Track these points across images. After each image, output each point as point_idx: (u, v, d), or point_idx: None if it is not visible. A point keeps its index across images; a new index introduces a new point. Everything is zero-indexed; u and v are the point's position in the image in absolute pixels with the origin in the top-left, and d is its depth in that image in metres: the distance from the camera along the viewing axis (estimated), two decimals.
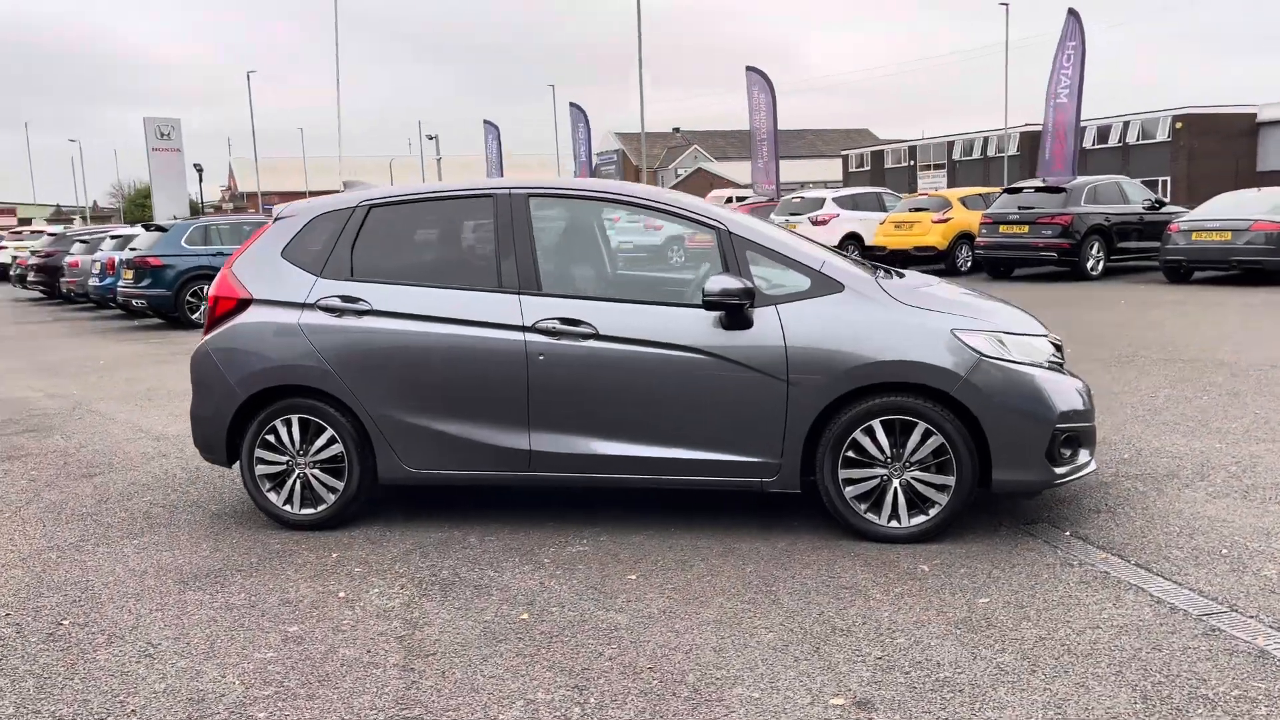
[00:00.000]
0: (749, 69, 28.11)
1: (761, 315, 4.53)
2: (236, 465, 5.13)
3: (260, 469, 5.01)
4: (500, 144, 40.04)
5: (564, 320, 4.67)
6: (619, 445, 4.69)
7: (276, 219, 5.24)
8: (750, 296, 4.48)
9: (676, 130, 79.31)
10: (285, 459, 4.98)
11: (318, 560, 4.60)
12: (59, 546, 4.92)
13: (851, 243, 21.49)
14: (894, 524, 4.51)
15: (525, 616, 3.88)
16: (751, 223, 4.84)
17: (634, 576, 4.25)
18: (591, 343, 4.65)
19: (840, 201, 21.98)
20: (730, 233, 4.67)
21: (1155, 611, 3.69)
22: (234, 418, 5.01)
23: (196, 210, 62.38)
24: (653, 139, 79.89)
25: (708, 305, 4.49)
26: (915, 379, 4.42)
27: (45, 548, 4.90)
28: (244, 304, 5.06)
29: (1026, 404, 4.41)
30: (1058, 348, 4.82)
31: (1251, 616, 3.62)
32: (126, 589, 4.33)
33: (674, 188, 62.85)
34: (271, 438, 4.98)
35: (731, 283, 4.46)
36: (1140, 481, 5.29)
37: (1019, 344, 4.55)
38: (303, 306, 4.95)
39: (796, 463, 4.55)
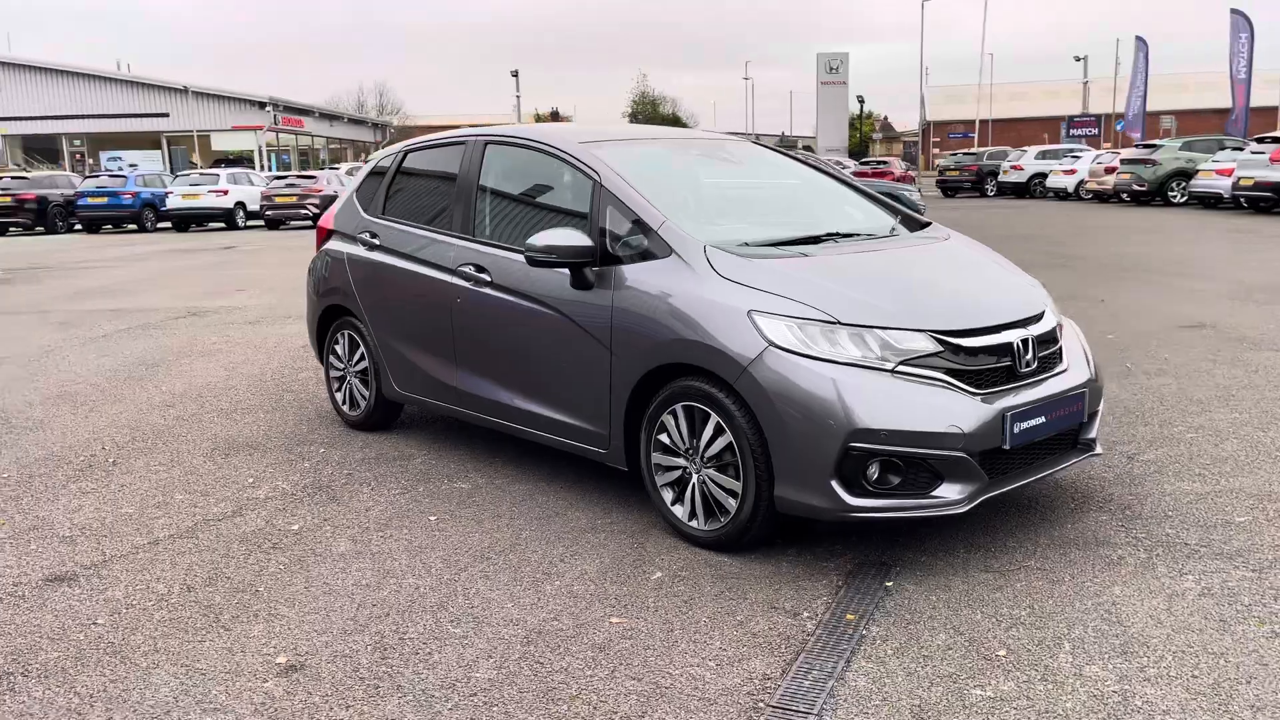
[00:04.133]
0: (1234, 12, 23.57)
1: (604, 276, 4.20)
2: None
3: (331, 372, 6.01)
4: (1148, 61, 35.17)
5: (476, 267, 4.82)
6: (507, 394, 4.74)
7: (367, 162, 6.06)
8: (586, 255, 4.17)
9: None
10: (342, 366, 5.90)
11: (310, 453, 5.45)
12: (190, 416, 6.29)
13: None
14: (694, 523, 3.95)
15: (296, 528, 4.32)
16: (631, 171, 4.39)
17: (433, 518, 4.39)
18: (488, 290, 4.73)
19: None
20: (600, 184, 4.35)
21: (714, 684, 2.89)
22: (318, 325, 6.06)
23: (860, 141, 65.09)
24: None
25: (530, 262, 4.29)
26: (702, 363, 3.78)
27: (189, 415, 6.33)
28: (330, 234, 6.02)
29: (811, 409, 3.50)
30: (996, 350, 3.70)
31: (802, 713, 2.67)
32: (161, 451, 5.54)
33: None
34: (338, 347, 5.93)
35: (558, 238, 4.19)
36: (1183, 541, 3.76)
37: (864, 337, 3.58)
38: (352, 239, 5.75)
39: (621, 438, 4.19)
